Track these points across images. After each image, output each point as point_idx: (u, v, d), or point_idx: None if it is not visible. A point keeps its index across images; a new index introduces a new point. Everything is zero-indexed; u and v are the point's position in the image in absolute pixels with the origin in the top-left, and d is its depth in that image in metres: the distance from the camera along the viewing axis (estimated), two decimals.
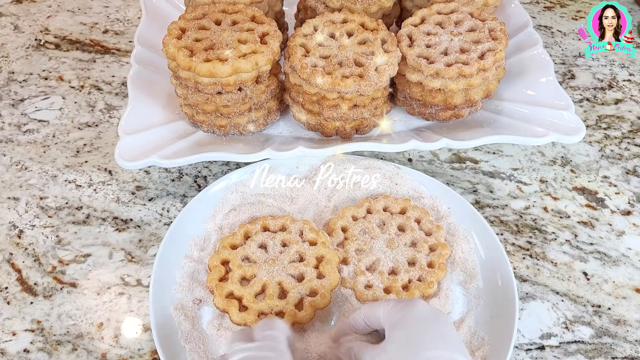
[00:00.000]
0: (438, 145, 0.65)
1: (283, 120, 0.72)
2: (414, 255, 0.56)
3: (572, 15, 0.93)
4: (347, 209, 0.60)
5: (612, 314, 0.56)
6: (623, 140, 0.73)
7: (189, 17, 0.66)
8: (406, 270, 0.55)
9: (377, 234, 0.58)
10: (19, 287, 0.58)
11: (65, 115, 0.75)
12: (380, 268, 0.55)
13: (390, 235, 0.57)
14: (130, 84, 0.70)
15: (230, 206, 0.62)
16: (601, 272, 0.59)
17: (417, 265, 0.55)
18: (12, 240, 0.62)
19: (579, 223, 0.64)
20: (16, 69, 0.82)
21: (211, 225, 0.60)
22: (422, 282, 0.54)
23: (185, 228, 0.59)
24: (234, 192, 0.63)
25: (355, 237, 0.57)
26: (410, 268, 0.55)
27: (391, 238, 0.57)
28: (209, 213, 0.61)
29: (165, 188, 0.67)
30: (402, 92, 0.70)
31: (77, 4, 0.94)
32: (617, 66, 0.83)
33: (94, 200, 0.65)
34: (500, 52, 0.65)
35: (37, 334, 0.54)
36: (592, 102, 0.78)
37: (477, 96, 0.67)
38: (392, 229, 0.58)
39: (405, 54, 0.65)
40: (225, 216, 0.61)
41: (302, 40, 0.66)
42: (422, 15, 0.70)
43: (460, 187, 0.67)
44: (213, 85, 0.62)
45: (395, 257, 0.56)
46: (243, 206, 0.62)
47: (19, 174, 0.68)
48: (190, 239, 0.59)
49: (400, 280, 0.54)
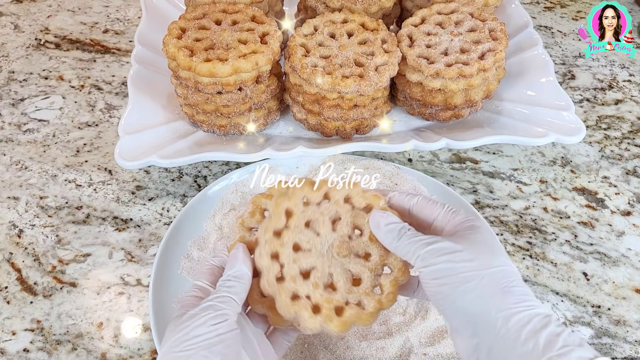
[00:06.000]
0: (438, 145, 0.65)
1: (283, 120, 0.72)
2: (361, 272, 0.43)
3: (572, 16, 0.93)
4: (300, 189, 0.45)
5: (612, 314, 0.56)
6: (623, 140, 0.73)
7: (189, 16, 0.66)
8: (347, 290, 0.42)
9: (326, 231, 0.44)
10: (18, 287, 0.58)
11: (66, 114, 0.75)
12: (315, 278, 0.42)
13: (343, 237, 0.44)
14: (130, 84, 0.70)
15: (230, 206, 0.62)
16: (601, 272, 0.59)
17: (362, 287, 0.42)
18: (12, 240, 0.62)
19: (579, 223, 0.64)
20: (16, 68, 0.82)
21: (211, 225, 0.60)
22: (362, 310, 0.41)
23: (185, 228, 0.59)
24: (233, 192, 0.63)
25: (299, 229, 0.43)
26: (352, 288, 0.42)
27: (343, 241, 0.43)
28: (208, 213, 0.61)
29: (165, 188, 0.67)
30: (402, 92, 0.70)
31: (78, 4, 0.94)
32: (617, 66, 0.83)
33: (94, 200, 0.65)
34: (500, 53, 0.65)
35: (36, 333, 0.54)
36: (592, 102, 0.78)
37: (477, 96, 0.67)
38: (345, 229, 0.44)
39: (406, 54, 0.65)
40: (225, 216, 0.61)
41: (302, 40, 0.66)
42: (422, 16, 0.70)
43: (460, 187, 0.67)
44: (213, 85, 0.62)
45: (338, 268, 0.43)
46: (243, 206, 0.62)
47: (19, 174, 0.68)
48: (190, 239, 0.59)
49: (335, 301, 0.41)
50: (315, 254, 0.43)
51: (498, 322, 0.35)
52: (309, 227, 0.44)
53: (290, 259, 0.43)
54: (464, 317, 0.37)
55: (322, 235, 0.44)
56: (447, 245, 0.38)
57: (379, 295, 0.42)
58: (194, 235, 0.59)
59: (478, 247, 0.38)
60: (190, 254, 0.58)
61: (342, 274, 0.43)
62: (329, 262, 0.43)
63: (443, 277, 0.37)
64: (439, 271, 0.38)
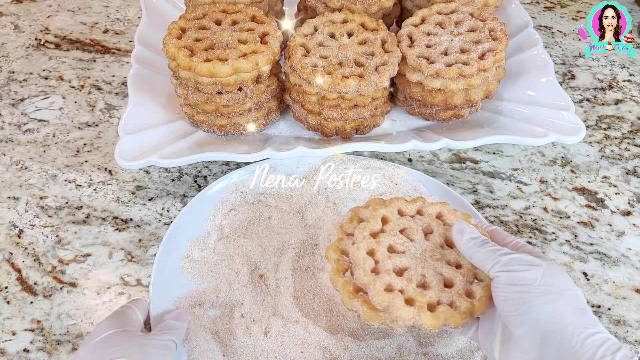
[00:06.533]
0: (438, 145, 0.65)
1: (283, 120, 0.72)
2: (453, 277, 0.45)
3: (572, 16, 0.93)
4: (397, 200, 0.50)
5: (612, 314, 0.56)
6: (623, 140, 0.73)
7: (189, 16, 0.66)
8: (440, 289, 0.44)
9: (420, 238, 0.47)
10: (18, 287, 0.58)
11: (65, 115, 0.75)
12: (409, 274, 0.45)
13: (435, 244, 0.47)
14: (130, 84, 0.70)
15: (230, 206, 0.62)
16: (601, 272, 0.59)
17: (454, 289, 0.45)
18: (12, 240, 0.62)
19: (579, 223, 0.64)
20: (16, 68, 0.82)
21: (211, 225, 0.60)
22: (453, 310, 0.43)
23: (185, 228, 0.59)
24: (233, 192, 0.63)
25: (394, 233, 0.47)
26: (445, 289, 0.45)
27: (435, 248, 0.47)
28: (208, 213, 0.61)
29: (165, 188, 0.67)
30: (402, 92, 0.70)
31: (78, 4, 0.94)
32: (617, 66, 0.83)
33: (94, 200, 0.65)
34: (500, 52, 0.65)
35: (37, 333, 0.54)
36: (592, 102, 0.78)
37: (477, 96, 0.67)
38: (438, 239, 0.48)
39: (406, 54, 0.65)
40: (225, 216, 0.61)
41: (302, 40, 0.66)
42: (422, 16, 0.70)
43: (460, 187, 0.67)
44: (213, 85, 0.62)
45: (431, 271, 0.46)
46: (243, 206, 0.62)
47: (19, 174, 0.68)
48: (190, 239, 0.59)
49: (428, 297, 0.43)
50: (409, 256, 0.46)
51: (574, 337, 0.37)
52: (403, 234, 0.48)
53: (386, 256, 0.45)
54: (536, 327, 0.38)
55: (415, 241, 0.47)
56: (529, 258, 0.41)
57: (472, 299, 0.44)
58: (194, 235, 0.59)
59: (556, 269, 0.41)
60: (191, 254, 0.58)
61: (434, 275, 0.45)
62: (422, 264, 0.46)
63: (523, 284, 0.40)
64: (520, 278, 0.40)
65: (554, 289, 0.39)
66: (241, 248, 0.58)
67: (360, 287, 0.45)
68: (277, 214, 0.61)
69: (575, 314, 0.38)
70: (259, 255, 0.58)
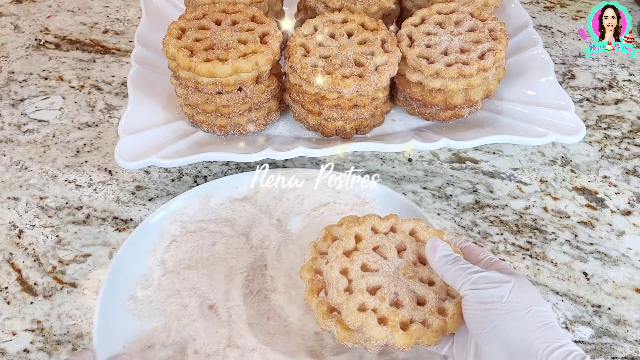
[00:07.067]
0: (438, 145, 0.65)
1: (283, 120, 0.72)
2: (426, 294, 0.45)
3: (572, 15, 0.93)
4: (370, 217, 0.50)
5: (612, 314, 0.56)
6: (623, 140, 0.73)
7: (189, 17, 0.66)
8: (413, 307, 0.44)
9: (393, 256, 0.47)
10: (19, 287, 0.58)
11: (65, 115, 0.75)
12: (382, 294, 0.45)
13: (408, 262, 0.47)
14: (130, 84, 0.70)
15: (170, 237, 0.58)
16: (601, 272, 0.59)
17: (427, 307, 0.45)
18: (12, 240, 0.62)
19: (579, 223, 0.64)
20: (16, 68, 0.82)
21: (152, 260, 0.56)
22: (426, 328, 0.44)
23: (125, 268, 0.55)
24: (172, 222, 0.59)
25: (367, 251, 0.47)
26: (418, 307, 0.45)
27: (408, 265, 0.47)
28: (148, 248, 0.57)
29: (165, 188, 0.67)
30: (402, 92, 0.70)
31: (77, 4, 0.94)
32: (617, 66, 0.83)
33: (94, 200, 0.65)
34: (500, 52, 0.65)
35: (37, 334, 0.54)
36: (592, 102, 0.78)
37: (477, 96, 0.67)
38: (411, 256, 0.48)
39: (405, 54, 0.65)
40: (166, 249, 0.57)
41: (302, 40, 0.66)
42: (422, 15, 0.70)
43: (460, 187, 0.67)
44: (213, 85, 0.62)
45: (404, 289, 0.46)
46: (184, 236, 0.58)
47: (19, 174, 0.68)
48: (132, 279, 0.55)
49: (401, 316, 0.44)
50: (382, 274, 0.46)
51: (539, 353, 0.38)
52: (377, 251, 0.48)
53: (359, 275, 0.45)
54: (503, 344, 0.39)
55: (389, 259, 0.47)
56: (498, 275, 0.42)
57: (444, 317, 0.44)
58: (135, 274, 0.55)
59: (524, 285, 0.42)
60: (135, 294, 0.54)
61: (407, 293, 0.45)
62: (395, 282, 0.46)
63: (491, 302, 0.41)
64: (488, 296, 0.41)
65: (521, 305, 0.40)
66: (187, 280, 0.55)
67: (334, 306, 0.45)
68: (221, 239, 0.58)
69: (541, 329, 0.39)
70: (207, 286, 0.55)
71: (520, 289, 0.41)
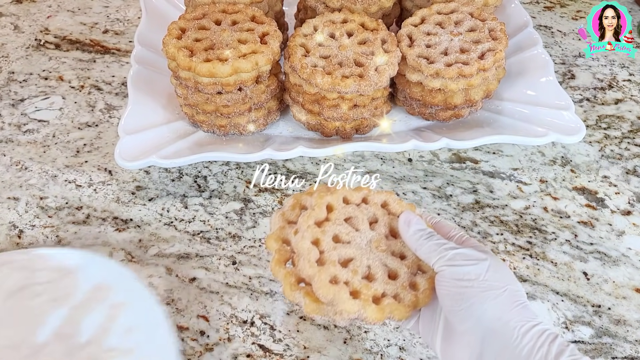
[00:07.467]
0: (438, 145, 0.65)
1: (283, 120, 0.72)
2: (398, 268, 0.44)
3: (572, 15, 0.93)
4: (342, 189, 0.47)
5: (612, 314, 0.56)
6: (623, 140, 0.73)
7: (189, 17, 0.66)
8: (385, 281, 0.43)
9: (365, 228, 0.45)
10: None
11: (65, 115, 0.75)
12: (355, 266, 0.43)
13: (380, 235, 0.45)
14: (130, 84, 0.70)
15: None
16: (601, 272, 0.59)
17: (399, 281, 0.43)
18: (12, 241, 0.62)
19: (579, 223, 0.64)
20: (16, 69, 0.82)
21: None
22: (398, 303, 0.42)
23: None
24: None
25: (339, 222, 0.45)
26: (390, 281, 0.44)
27: (380, 238, 0.45)
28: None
29: (165, 188, 0.67)
30: (402, 92, 0.70)
31: (77, 4, 0.94)
32: (617, 66, 0.83)
33: (94, 200, 0.65)
34: (500, 52, 0.65)
35: None
36: (592, 102, 0.78)
37: (477, 96, 0.67)
38: (383, 229, 0.46)
39: (405, 54, 0.65)
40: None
41: (302, 40, 0.66)
42: (422, 15, 0.70)
43: (460, 187, 0.67)
44: (213, 85, 0.62)
45: (376, 262, 0.44)
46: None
47: (19, 174, 0.68)
48: None
49: (373, 289, 0.42)
50: (354, 246, 0.44)
51: (515, 331, 0.38)
52: (349, 223, 0.45)
53: (331, 247, 0.43)
54: (479, 322, 0.39)
55: (361, 231, 0.45)
56: (474, 253, 0.41)
57: (415, 291, 0.43)
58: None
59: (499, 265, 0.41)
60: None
61: (379, 266, 0.44)
62: (368, 255, 0.44)
63: (468, 279, 0.40)
64: (465, 273, 0.40)
65: (497, 284, 0.40)
66: None
67: (304, 278, 0.43)
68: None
69: (517, 308, 0.39)
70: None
71: (496, 267, 0.41)
